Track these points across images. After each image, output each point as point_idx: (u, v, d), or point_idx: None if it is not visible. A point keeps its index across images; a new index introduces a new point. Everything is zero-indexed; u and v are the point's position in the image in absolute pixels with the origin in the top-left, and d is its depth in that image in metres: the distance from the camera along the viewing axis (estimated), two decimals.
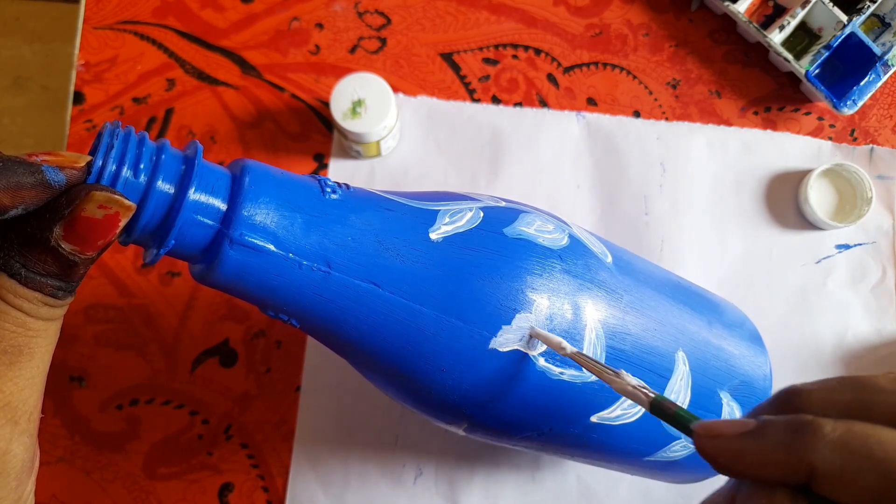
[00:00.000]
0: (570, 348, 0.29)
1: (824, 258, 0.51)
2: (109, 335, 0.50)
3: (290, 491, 0.48)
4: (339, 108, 0.46)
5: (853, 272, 0.50)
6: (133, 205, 0.24)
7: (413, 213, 0.30)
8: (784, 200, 0.51)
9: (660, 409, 0.25)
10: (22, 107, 1.08)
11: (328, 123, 0.52)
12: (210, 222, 0.27)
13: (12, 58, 1.10)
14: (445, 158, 0.51)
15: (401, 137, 0.51)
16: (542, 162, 0.51)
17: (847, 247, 0.51)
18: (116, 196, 0.24)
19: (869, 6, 0.50)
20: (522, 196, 0.51)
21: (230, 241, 0.27)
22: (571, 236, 0.33)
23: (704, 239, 0.51)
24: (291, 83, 0.52)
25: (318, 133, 0.52)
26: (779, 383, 0.49)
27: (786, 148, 0.52)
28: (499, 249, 0.30)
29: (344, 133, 0.47)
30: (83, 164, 0.24)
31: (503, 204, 0.33)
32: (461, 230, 0.31)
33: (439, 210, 0.31)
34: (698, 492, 0.48)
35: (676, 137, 0.51)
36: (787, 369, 0.49)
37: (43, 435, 0.49)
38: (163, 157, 0.26)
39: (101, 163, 0.25)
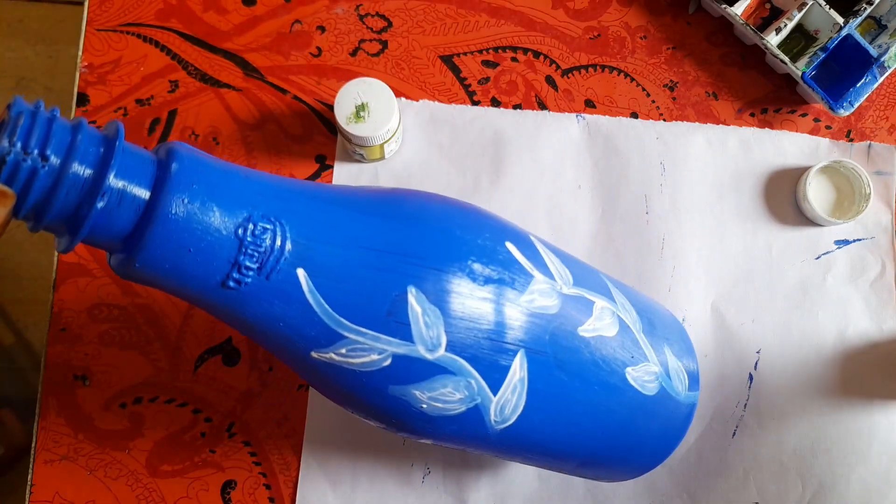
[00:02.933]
0: None
1: (824, 254, 0.51)
2: (113, 334, 0.50)
3: (300, 490, 0.48)
4: (342, 112, 0.47)
5: (853, 268, 0.51)
6: (10, 191, 0.22)
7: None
8: (783, 198, 0.52)
9: None
10: None
11: (330, 125, 0.52)
12: (131, 212, 0.25)
13: (16, 59, 1.11)
14: (448, 161, 0.52)
15: (403, 140, 0.52)
16: (544, 163, 0.52)
17: (846, 242, 0.51)
18: None
19: (865, 8, 0.50)
20: (525, 197, 0.51)
21: (151, 235, 0.25)
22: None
23: (705, 237, 0.51)
24: (293, 85, 0.53)
25: (320, 135, 0.52)
26: (781, 378, 0.49)
27: (784, 146, 0.52)
28: None
29: (348, 136, 0.48)
30: None
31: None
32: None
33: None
34: (702, 488, 0.49)
35: (675, 137, 0.52)
36: (788, 365, 0.50)
37: (46, 433, 0.49)
38: (78, 137, 0.24)
39: (6, 145, 0.23)
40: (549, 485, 0.49)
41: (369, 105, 0.47)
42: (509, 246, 0.33)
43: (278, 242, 0.28)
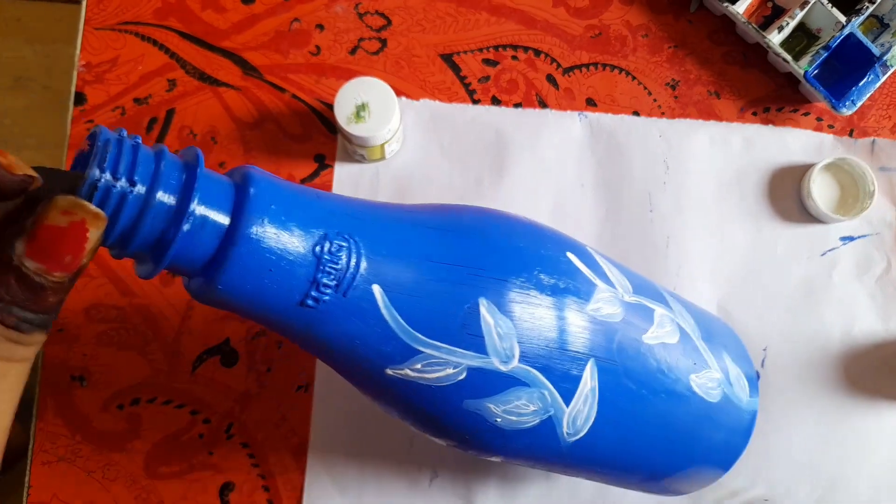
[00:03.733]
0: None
1: (829, 251, 0.51)
2: (111, 335, 0.50)
3: (307, 494, 0.48)
4: (342, 112, 0.46)
5: (858, 264, 0.51)
6: (101, 213, 0.22)
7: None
8: (787, 195, 0.51)
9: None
10: (23, 107, 1.09)
11: (329, 124, 0.52)
12: (212, 237, 0.26)
13: (14, 58, 1.10)
14: (449, 160, 0.51)
15: (404, 140, 0.51)
16: (546, 162, 0.51)
17: (851, 239, 0.51)
18: (81, 201, 0.21)
19: (868, 7, 0.50)
20: (527, 196, 0.51)
21: (233, 257, 0.26)
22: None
23: (709, 235, 0.51)
24: (292, 84, 0.52)
25: (319, 134, 0.52)
26: (788, 376, 0.49)
27: (787, 142, 0.52)
28: None
29: (348, 137, 0.48)
30: (20, 173, 0.21)
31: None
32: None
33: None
34: (710, 486, 0.48)
35: (679, 135, 0.52)
36: (795, 362, 0.50)
37: (44, 434, 0.49)
38: (162, 164, 0.25)
39: (96, 172, 0.23)
40: (558, 486, 0.48)
41: (370, 105, 0.46)
42: (570, 256, 0.33)
43: (353, 259, 0.28)
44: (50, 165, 0.23)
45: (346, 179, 0.51)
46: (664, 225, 0.51)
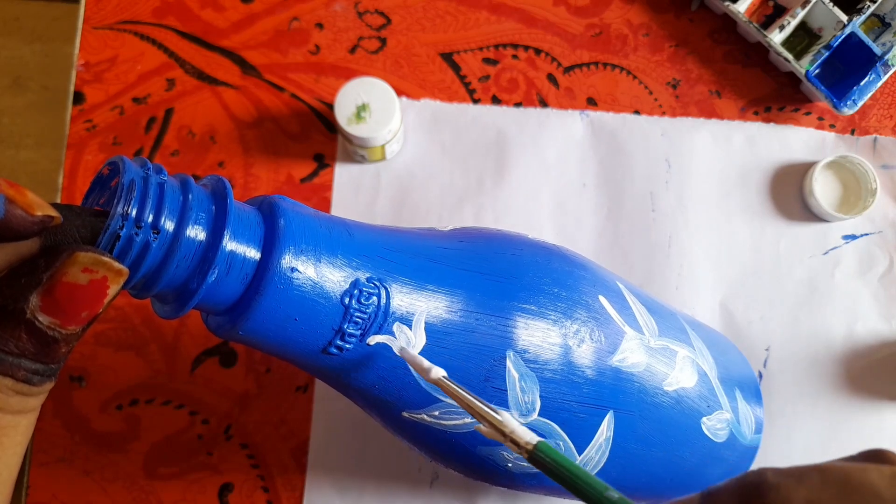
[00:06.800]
0: (436, 372, 0.26)
1: (832, 249, 0.51)
2: (109, 335, 0.49)
3: (307, 495, 0.48)
4: (343, 113, 0.46)
5: (861, 262, 0.50)
6: (125, 269, 0.21)
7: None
8: (789, 193, 0.51)
9: (544, 464, 0.23)
10: (22, 107, 1.08)
11: (328, 124, 0.52)
12: (240, 279, 0.24)
13: (12, 58, 1.10)
14: (451, 160, 0.51)
15: (405, 141, 0.51)
16: (548, 161, 0.51)
17: (854, 237, 0.51)
18: (104, 259, 0.20)
19: (869, 6, 0.50)
20: (529, 196, 0.51)
21: (259, 305, 0.24)
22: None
23: (712, 234, 0.51)
24: (291, 83, 0.52)
25: (318, 133, 0.52)
26: (790, 375, 0.49)
27: (789, 141, 0.52)
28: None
29: (348, 137, 0.47)
30: (39, 214, 0.19)
31: None
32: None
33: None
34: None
35: (680, 133, 0.52)
36: (797, 362, 0.49)
37: (42, 435, 0.49)
38: (189, 197, 0.23)
39: (119, 220, 0.21)
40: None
41: (370, 105, 0.46)
42: (602, 300, 0.32)
43: (382, 308, 0.27)
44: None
45: (347, 180, 0.51)
46: (666, 224, 0.51)
